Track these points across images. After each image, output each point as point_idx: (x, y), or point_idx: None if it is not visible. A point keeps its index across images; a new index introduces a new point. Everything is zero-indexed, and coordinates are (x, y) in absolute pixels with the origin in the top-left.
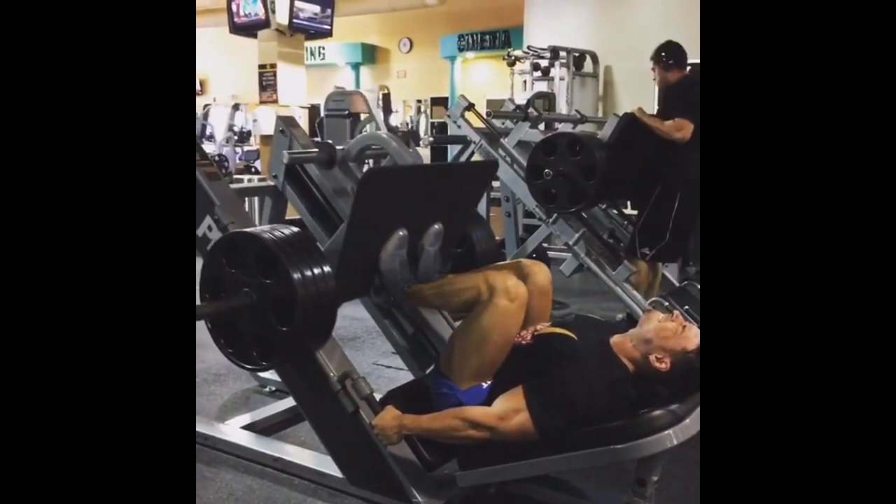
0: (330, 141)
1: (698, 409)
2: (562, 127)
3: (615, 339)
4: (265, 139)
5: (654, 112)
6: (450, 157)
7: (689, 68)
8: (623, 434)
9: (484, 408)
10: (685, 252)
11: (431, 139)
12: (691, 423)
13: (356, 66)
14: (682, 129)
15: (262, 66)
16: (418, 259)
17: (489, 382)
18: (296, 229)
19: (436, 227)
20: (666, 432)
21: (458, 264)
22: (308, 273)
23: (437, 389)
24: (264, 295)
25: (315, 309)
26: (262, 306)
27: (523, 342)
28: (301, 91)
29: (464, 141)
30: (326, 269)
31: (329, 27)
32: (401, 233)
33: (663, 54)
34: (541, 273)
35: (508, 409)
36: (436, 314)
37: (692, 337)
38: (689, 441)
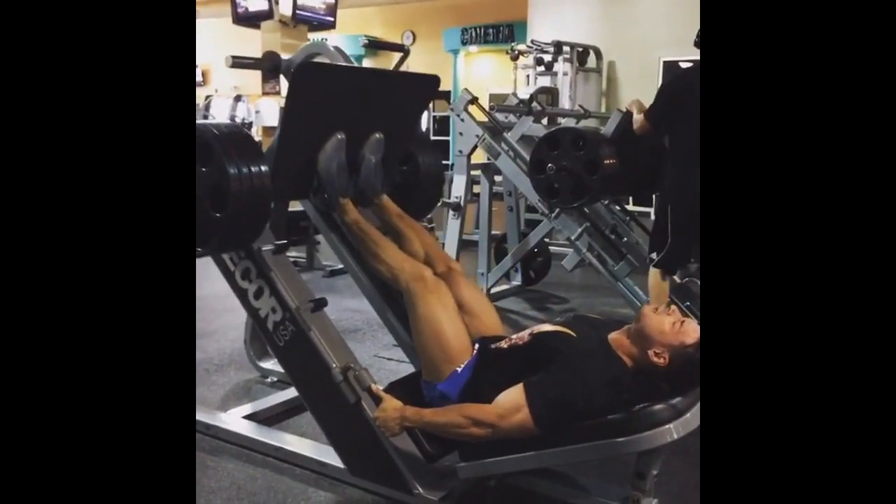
0: (274, 50)
1: (699, 404)
2: (565, 122)
3: (613, 336)
4: (267, 130)
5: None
6: (452, 151)
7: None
8: (624, 428)
9: (485, 405)
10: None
11: None
12: (692, 418)
13: (359, 59)
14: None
15: None
16: (359, 167)
17: (463, 364)
18: (235, 125)
19: (376, 135)
20: (666, 426)
21: (402, 183)
22: (242, 164)
23: (429, 399)
24: (201, 182)
25: (247, 199)
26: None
27: (521, 341)
28: None
29: None
30: (262, 164)
31: (332, 19)
32: (339, 136)
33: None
34: (466, 288)
35: (509, 407)
36: None
37: (690, 331)
38: (690, 435)
